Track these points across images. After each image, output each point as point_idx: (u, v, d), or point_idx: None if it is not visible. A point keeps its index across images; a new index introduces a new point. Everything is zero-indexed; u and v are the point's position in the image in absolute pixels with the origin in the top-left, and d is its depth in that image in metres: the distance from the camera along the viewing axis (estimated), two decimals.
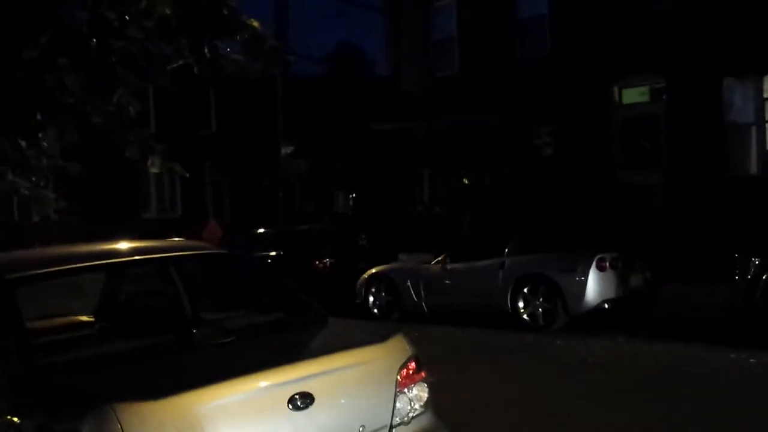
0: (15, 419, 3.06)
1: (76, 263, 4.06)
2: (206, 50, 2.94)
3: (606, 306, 9.93)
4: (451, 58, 19.04)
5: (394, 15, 20.55)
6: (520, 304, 10.33)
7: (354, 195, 25.39)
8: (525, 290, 10.31)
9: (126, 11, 2.73)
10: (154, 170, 3.18)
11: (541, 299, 10.19)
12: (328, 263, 13.28)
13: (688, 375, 7.35)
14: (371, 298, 12.19)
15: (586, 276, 9.86)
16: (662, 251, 12.75)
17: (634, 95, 15.97)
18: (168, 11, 2.79)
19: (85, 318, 5.06)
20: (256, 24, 2.98)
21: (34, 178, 2.89)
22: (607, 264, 10.02)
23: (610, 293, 9.96)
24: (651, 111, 15.61)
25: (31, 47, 2.62)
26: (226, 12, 2.98)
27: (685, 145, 14.68)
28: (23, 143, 2.96)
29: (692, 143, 14.54)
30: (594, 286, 9.85)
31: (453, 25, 19.06)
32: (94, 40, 2.78)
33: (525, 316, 10.30)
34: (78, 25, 2.71)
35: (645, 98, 15.85)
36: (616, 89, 15.90)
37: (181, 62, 2.93)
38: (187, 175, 3.11)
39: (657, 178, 15.27)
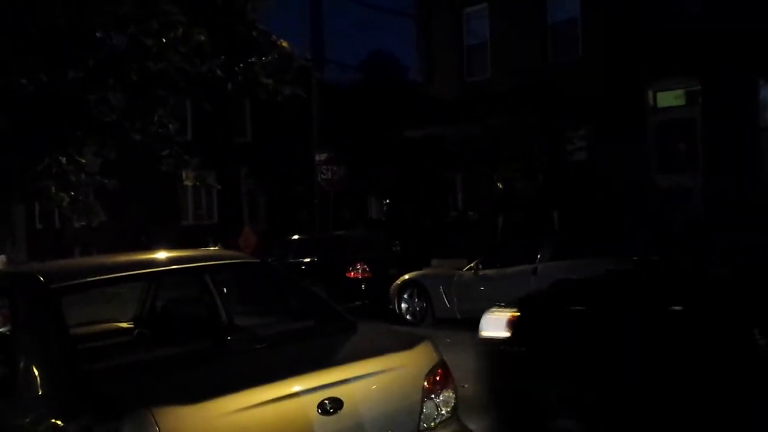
0: (59, 422, 3.21)
1: (116, 273, 4.23)
2: (238, 70, 3.09)
3: None
4: (483, 63, 19.08)
5: (426, 21, 20.65)
6: None
7: (387, 201, 25.51)
8: None
9: (164, 38, 2.88)
10: (188, 183, 3.33)
11: None
12: (361, 269, 13.39)
13: None
14: (404, 305, 12.26)
15: None
16: (700, 255, 12.61)
17: (669, 99, 15.85)
18: (203, 38, 2.93)
19: (124, 325, 5.24)
20: (285, 44, 3.10)
21: (73, 193, 3.05)
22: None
23: None
24: (686, 114, 15.49)
25: (78, 68, 2.78)
26: (254, 34, 3.11)
27: (722, 147, 14.54)
28: (63, 159, 3.13)
29: (728, 146, 14.40)
30: None
31: (485, 30, 19.10)
32: (134, 64, 2.95)
33: None
34: (118, 50, 2.87)
35: (680, 101, 15.73)
36: (650, 93, 15.81)
37: (211, 74, 3.06)
38: (219, 187, 3.24)
39: (694, 181, 15.15)
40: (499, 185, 18.62)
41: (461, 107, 18.36)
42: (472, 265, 11.69)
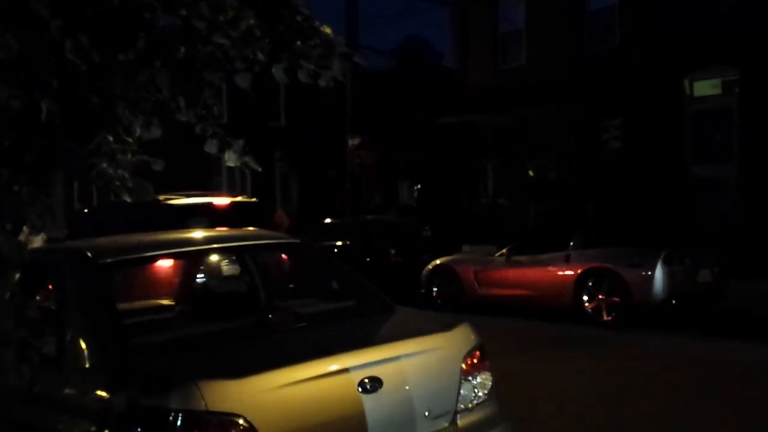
0: (106, 395, 3.30)
1: (160, 250, 4.32)
2: (284, 56, 3.12)
3: (672, 301, 9.83)
4: (518, 51, 18.94)
5: (462, 7, 20.53)
6: (584, 298, 10.30)
7: (419, 186, 25.52)
8: (589, 284, 10.27)
9: (214, 21, 2.91)
10: (230, 164, 3.38)
11: (605, 293, 10.14)
12: (392, 254, 13.45)
13: (754, 373, 7.26)
14: (435, 289, 12.32)
15: (653, 271, 9.76)
16: (735, 246, 12.51)
17: (706, 88, 15.63)
18: (252, 22, 2.96)
19: (164, 302, 5.34)
20: (328, 30, 3.12)
21: (120, 171, 3.12)
22: (674, 259, 9.91)
23: (677, 288, 9.84)
24: (723, 103, 15.26)
25: (128, 51, 2.84)
26: (299, 19, 3.13)
27: (758, 138, 14.32)
28: (110, 138, 3.21)
29: (765, 136, 14.18)
30: (660, 281, 9.74)
31: (521, 17, 18.94)
32: (182, 46, 2.99)
33: (589, 310, 10.27)
34: (166, 32, 2.93)
35: (717, 91, 15.50)
36: (687, 82, 15.60)
37: (258, 69, 3.12)
38: (260, 169, 3.30)
39: (729, 171, 14.95)
40: (531, 173, 18.53)
41: (496, 94, 18.28)
42: (503, 251, 11.69)
